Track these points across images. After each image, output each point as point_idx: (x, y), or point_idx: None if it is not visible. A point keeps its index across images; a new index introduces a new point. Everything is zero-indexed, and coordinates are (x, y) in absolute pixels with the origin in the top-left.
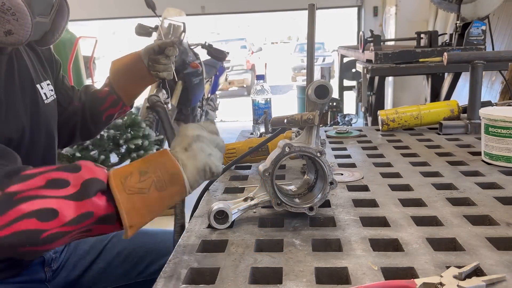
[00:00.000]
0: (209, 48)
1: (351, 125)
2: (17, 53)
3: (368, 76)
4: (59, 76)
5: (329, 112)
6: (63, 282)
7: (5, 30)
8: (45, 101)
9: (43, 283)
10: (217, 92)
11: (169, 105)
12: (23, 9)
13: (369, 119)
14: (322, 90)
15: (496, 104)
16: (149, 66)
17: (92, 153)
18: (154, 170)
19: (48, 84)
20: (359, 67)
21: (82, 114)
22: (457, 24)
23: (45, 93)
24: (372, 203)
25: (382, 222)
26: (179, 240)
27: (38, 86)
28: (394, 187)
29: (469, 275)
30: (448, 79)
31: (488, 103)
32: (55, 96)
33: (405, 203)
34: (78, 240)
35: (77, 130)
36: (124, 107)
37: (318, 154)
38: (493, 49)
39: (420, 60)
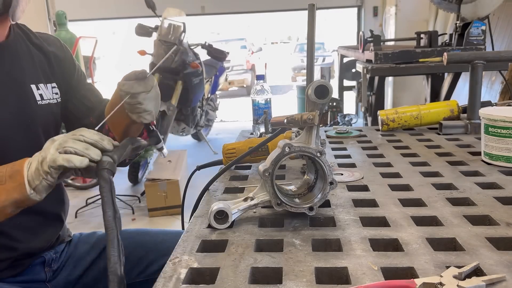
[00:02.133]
0: (209, 48)
1: (351, 125)
2: (13, 52)
3: (368, 76)
4: (72, 82)
5: (329, 112)
6: (64, 282)
7: None
8: (39, 102)
9: (44, 283)
10: (217, 92)
11: (165, 151)
12: None
13: (369, 119)
14: (322, 90)
15: (496, 104)
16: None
17: None
18: (2, 168)
19: (53, 87)
20: (359, 67)
21: None
22: (457, 24)
23: (41, 94)
24: (372, 203)
25: (382, 222)
26: (179, 240)
27: (33, 86)
28: (394, 187)
29: (469, 275)
30: (448, 79)
31: (488, 103)
32: (59, 100)
33: (405, 203)
34: (77, 240)
35: None
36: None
37: (318, 154)
38: (493, 49)
39: (420, 60)
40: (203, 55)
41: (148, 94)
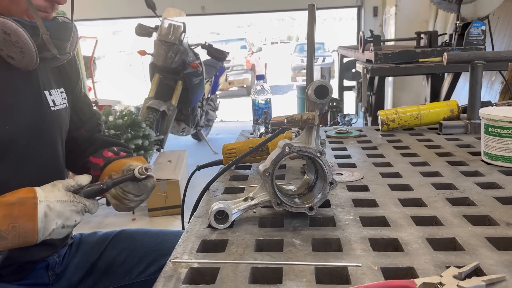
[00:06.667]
0: (209, 48)
1: (351, 125)
2: None
3: (368, 76)
4: (75, 91)
5: (329, 112)
6: (66, 285)
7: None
8: (52, 108)
9: (46, 286)
10: (217, 92)
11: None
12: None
13: (369, 119)
14: (322, 90)
15: (496, 104)
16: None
17: None
18: (12, 240)
19: (62, 92)
20: (359, 67)
21: (81, 147)
22: (457, 24)
23: (53, 100)
24: (372, 203)
25: (382, 222)
26: (179, 240)
27: (46, 92)
28: (394, 187)
29: (469, 275)
30: (448, 79)
31: (488, 103)
32: (67, 105)
33: (405, 203)
34: (79, 242)
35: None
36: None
37: (318, 154)
38: (493, 49)
39: (420, 60)
40: (203, 55)
41: (139, 197)
